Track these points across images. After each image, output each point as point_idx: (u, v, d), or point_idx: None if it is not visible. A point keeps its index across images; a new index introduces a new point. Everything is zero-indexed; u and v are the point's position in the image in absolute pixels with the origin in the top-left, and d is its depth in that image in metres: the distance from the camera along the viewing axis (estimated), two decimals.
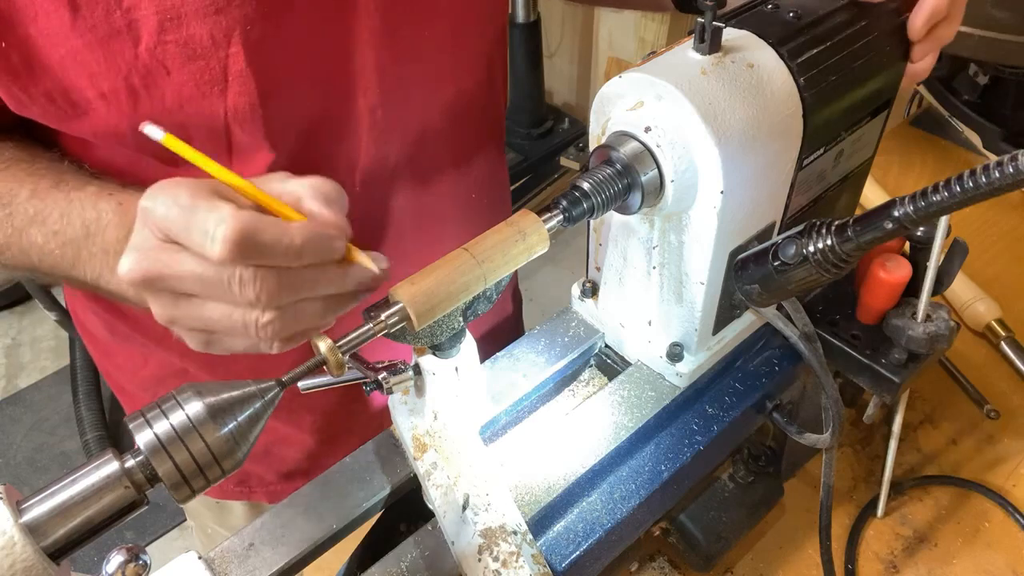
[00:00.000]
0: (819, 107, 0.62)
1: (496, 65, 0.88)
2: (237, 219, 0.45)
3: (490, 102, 0.90)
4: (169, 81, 0.61)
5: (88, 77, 0.60)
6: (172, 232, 0.47)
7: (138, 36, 0.58)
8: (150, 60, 0.60)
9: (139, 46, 0.59)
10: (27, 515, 0.42)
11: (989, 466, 0.96)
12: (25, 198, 0.62)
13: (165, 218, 0.46)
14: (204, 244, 0.45)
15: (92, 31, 0.58)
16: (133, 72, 0.60)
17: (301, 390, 0.62)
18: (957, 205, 0.47)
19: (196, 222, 0.46)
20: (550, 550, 0.63)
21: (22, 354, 2.70)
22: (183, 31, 0.59)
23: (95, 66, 0.59)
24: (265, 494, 1.02)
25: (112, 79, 0.60)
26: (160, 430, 0.43)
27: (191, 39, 0.60)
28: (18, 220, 0.62)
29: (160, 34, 0.59)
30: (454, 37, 0.77)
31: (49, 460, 2.38)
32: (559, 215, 0.57)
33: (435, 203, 0.87)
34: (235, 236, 0.45)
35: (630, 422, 0.69)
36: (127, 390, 0.98)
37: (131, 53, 0.59)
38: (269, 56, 0.63)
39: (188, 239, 0.46)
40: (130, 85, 0.60)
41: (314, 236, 0.48)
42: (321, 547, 0.66)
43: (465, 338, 0.62)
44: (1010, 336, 1.07)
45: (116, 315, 0.87)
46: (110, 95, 0.61)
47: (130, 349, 0.91)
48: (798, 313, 0.69)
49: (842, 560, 0.88)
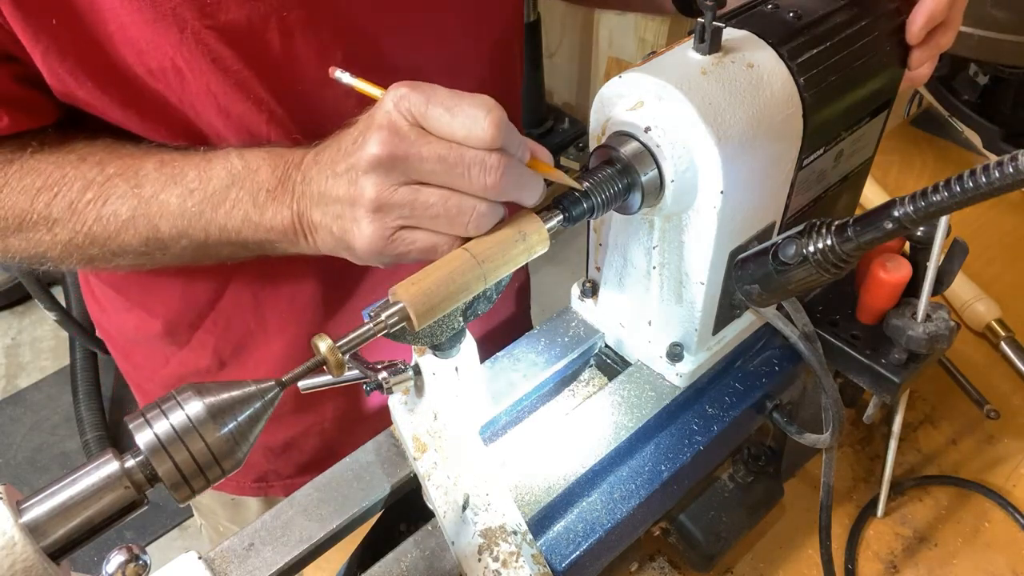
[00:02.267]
0: (819, 107, 0.62)
1: (515, 55, 0.90)
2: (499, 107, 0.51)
3: (510, 91, 0.91)
4: (212, 66, 0.63)
5: (136, 54, 0.62)
6: (432, 116, 0.51)
7: (184, 21, 0.61)
8: (194, 44, 0.62)
9: (184, 31, 0.61)
10: (27, 515, 0.42)
11: (989, 466, 0.96)
12: (153, 168, 0.64)
13: (427, 101, 0.51)
14: (473, 126, 0.50)
15: (140, 12, 0.59)
16: (178, 54, 0.62)
17: (301, 390, 0.62)
18: (957, 205, 0.47)
19: (464, 105, 0.51)
20: (550, 550, 0.63)
21: (22, 354, 2.70)
22: (223, 16, 0.61)
23: (144, 44, 0.61)
24: (282, 488, 1.03)
25: (160, 58, 0.62)
26: (160, 430, 0.43)
27: (230, 24, 0.62)
28: (148, 189, 0.64)
29: (202, 19, 0.61)
30: (477, 23, 0.79)
31: (49, 460, 2.38)
32: (559, 215, 0.57)
33: None
34: (501, 121, 0.50)
35: (630, 422, 0.69)
36: (146, 389, 0.99)
37: (176, 37, 0.61)
38: (304, 42, 0.65)
39: (451, 121, 0.51)
40: (176, 65, 0.63)
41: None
42: (321, 547, 0.66)
43: (465, 338, 0.62)
44: (1010, 336, 1.07)
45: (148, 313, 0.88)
46: (158, 72, 0.63)
47: (151, 348, 0.92)
48: (798, 313, 0.69)
49: (842, 560, 0.88)
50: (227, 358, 0.89)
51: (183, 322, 0.87)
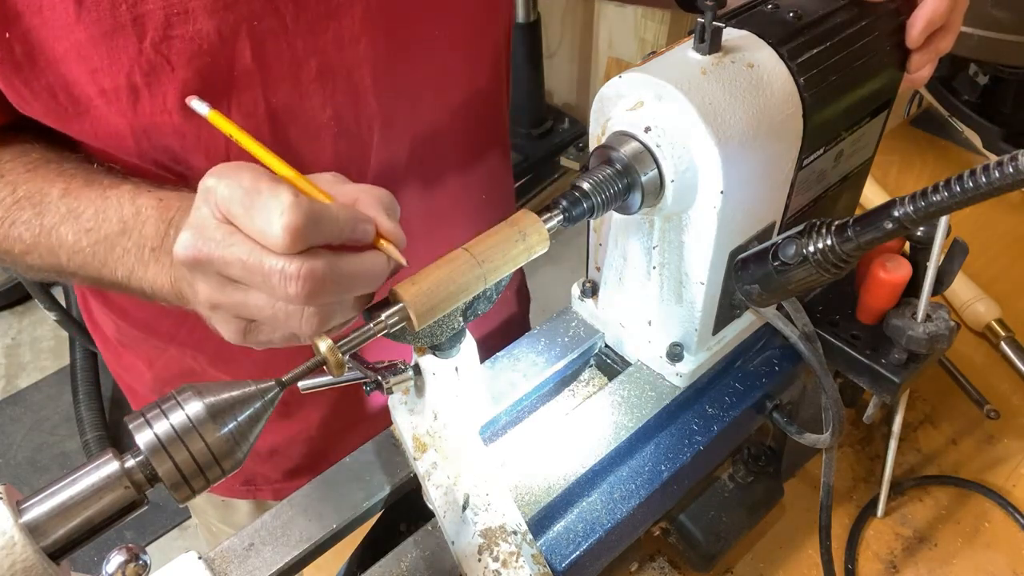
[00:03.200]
0: (819, 107, 0.62)
1: (503, 63, 0.88)
2: (298, 203, 0.45)
3: (498, 101, 0.90)
4: (172, 78, 0.60)
5: (90, 72, 0.59)
6: (233, 213, 0.47)
7: (143, 31, 0.58)
8: (154, 56, 0.59)
9: (144, 41, 0.58)
10: (27, 515, 0.42)
11: (989, 466, 0.96)
12: (57, 197, 0.62)
13: (228, 199, 0.47)
14: (267, 229, 0.45)
15: (97, 24, 0.57)
16: (136, 68, 0.59)
17: (301, 390, 0.62)
18: (957, 205, 0.47)
19: (259, 205, 0.45)
20: (550, 550, 0.63)
21: (22, 354, 2.70)
22: (190, 26, 0.59)
23: (98, 61, 0.59)
24: (271, 492, 1.03)
25: (114, 75, 0.59)
26: (160, 430, 0.43)
27: (198, 34, 0.59)
28: (48, 219, 0.62)
29: (166, 29, 0.58)
30: (465, 36, 0.77)
31: (49, 460, 2.38)
32: (559, 215, 0.57)
33: (444, 204, 0.87)
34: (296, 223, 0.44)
35: (630, 422, 0.69)
36: (136, 391, 0.99)
37: (135, 48, 0.58)
38: (276, 52, 0.63)
39: (249, 223, 0.46)
40: (132, 82, 0.60)
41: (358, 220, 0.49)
42: (321, 547, 0.66)
43: (465, 338, 0.62)
44: (1010, 336, 1.07)
45: (124, 318, 0.87)
46: (111, 92, 0.60)
47: (137, 351, 0.91)
48: (798, 313, 0.69)
49: (842, 560, 0.88)
50: (220, 360, 0.88)
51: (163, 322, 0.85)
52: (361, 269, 0.49)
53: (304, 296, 0.47)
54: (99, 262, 0.61)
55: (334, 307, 0.50)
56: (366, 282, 0.50)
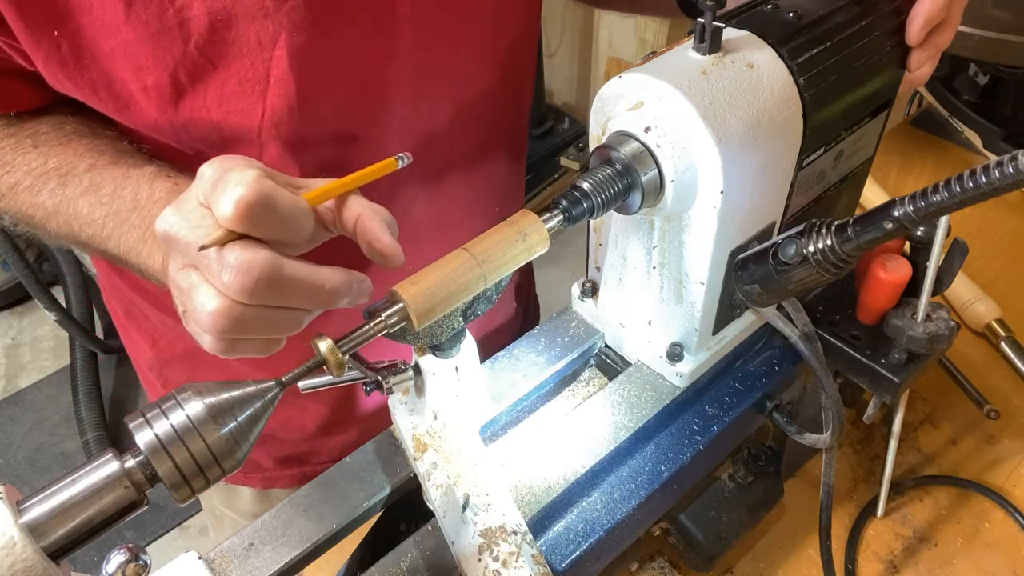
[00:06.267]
0: (819, 107, 0.62)
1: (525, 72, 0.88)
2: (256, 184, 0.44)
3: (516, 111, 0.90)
4: (213, 77, 0.63)
5: (134, 70, 0.61)
6: (206, 194, 0.47)
7: (188, 34, 0.60)
8: (199, 57, 0.61)
9: (189, 44, 0.60)
10: (27, 515, 0.42)
11: (989, 466, 0.96)
12: (83, 170, 0.64)
13: (208, 180, 0.47)
14: (219, 205, 0.44)
15: (145, 26, 0.59)
16: (180, 68, 0.61)
17: (301, 390, 0.62)
18: (957, 205, 0.47)
19: (223, 181, 0.45)
20: (550, 550, 0.63)
21: (22, 354, 2.70)
22: (232, 31, 0.61)
23: (143, 60, 0.61)
24: (260, 480, 1.03)
25: (158, 74, 0.61)
26: (160, 430, 0.43)
27: (239, 38, 0.61)
28: (70, 190, 0.64)
29: (211, 34, 0.60)
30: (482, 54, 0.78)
31: (49, 460, 2.38)
32: (559, 215, 0.57)
33: (456, 212, 0.88)
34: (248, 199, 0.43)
35: (630, 422, 0.69)
36: (141, 368, 1.00)
37: (180, 50, 0.61)
38: (311, 62, 0.65)
39: (214, 203, 0.45)
40: (175, 80, 0.62)
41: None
42: (321, 547, 0.66)
43: (465, 338, 0.62)
44: (1010, 336, 1.07)
45: (137, 290, 0.88)
46: (152, 89, 0.62)
47: (142, 328, 0.93)
48: (798, 313, 0.69)
49: (842, 560, 0.88)
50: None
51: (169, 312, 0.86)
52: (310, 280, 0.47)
53: (238, 288, 0.44)
54: (105, 235, 0.63)
55: (256, 323, 0.47)
56: (310, 297, 0.47)
